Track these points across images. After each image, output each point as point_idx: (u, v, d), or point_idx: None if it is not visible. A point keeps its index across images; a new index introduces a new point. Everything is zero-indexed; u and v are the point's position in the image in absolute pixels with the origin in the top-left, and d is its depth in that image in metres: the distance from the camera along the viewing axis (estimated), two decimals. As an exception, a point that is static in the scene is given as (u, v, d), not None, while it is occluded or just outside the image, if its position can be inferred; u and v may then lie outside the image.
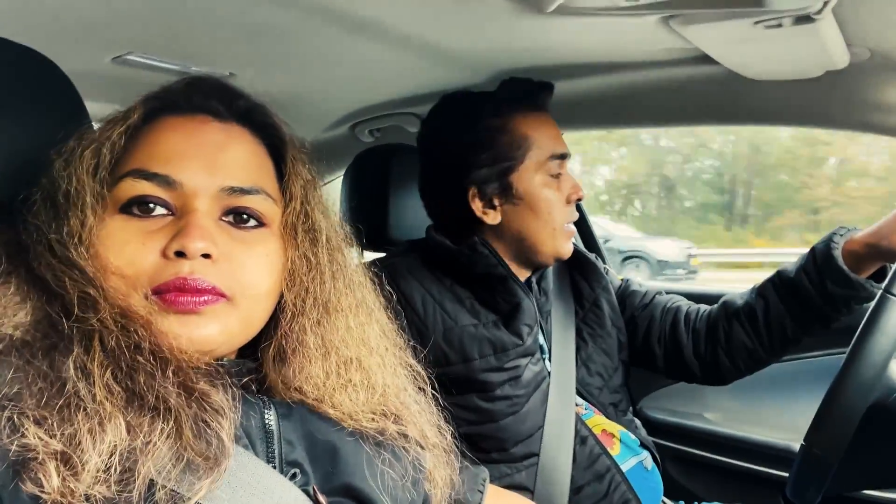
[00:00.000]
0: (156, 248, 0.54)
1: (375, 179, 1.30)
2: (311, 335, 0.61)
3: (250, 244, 0.58)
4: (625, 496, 1.01)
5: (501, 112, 1.06)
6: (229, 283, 0.55)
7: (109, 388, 0.47)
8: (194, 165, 0.57)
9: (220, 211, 0.58)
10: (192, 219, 0.55)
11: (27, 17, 0.85)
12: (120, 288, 0.52)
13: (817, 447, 0.83)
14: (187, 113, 0.61)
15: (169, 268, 0.53)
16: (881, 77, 1.01)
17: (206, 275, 0.53)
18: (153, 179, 0.55)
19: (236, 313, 0.56)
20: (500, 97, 1.08)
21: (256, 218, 0.59)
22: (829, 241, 1.01)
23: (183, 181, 0.56)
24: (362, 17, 0.92)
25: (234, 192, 0.58)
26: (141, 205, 0.55)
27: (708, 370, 1.15)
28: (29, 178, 0.60)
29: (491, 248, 1.04)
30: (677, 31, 0.89)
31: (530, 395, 1.03)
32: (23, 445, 0.43)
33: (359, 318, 0.66)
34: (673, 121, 1.44)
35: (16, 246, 0.55)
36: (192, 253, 0.53)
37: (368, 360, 0.64)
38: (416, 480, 0.65)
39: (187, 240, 0.53)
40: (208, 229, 0.55)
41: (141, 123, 0.60)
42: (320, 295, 0.62)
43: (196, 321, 0.53)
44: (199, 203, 0.56)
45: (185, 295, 0.53)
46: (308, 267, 0.62)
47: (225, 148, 0.59)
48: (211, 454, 0.48)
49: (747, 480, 1.40)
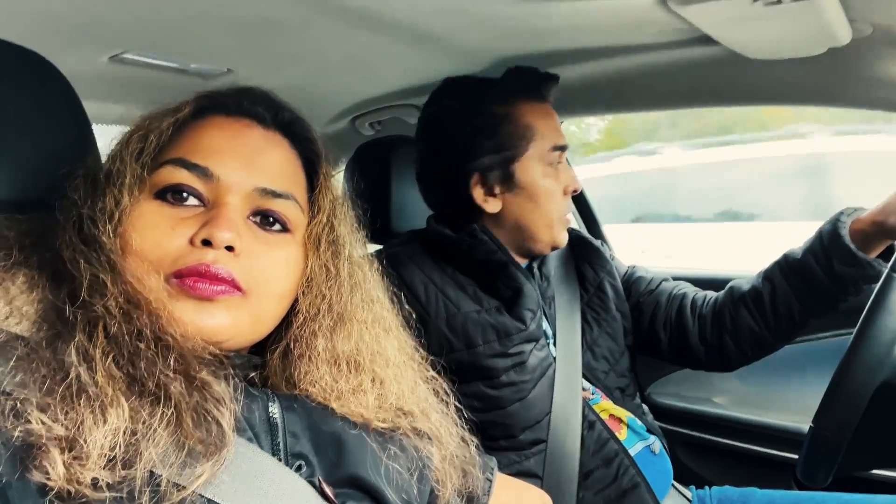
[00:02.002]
0: (184, 234, 0.56)
1: (377, 172, 1.30)
2: (321, 340, 0.62)
3: (272, 246, 0.60)
4: (633, 480, 1.01)
5: (507, 100, 1.05)
6: (247, 278, 0.56)
7: (111, 374, 0.48)
8: (233, 163, 0.59)
9: (250, 210, 0.60)
10: (222, 211, 0.57)
11: (23, 18, 0.85)
12: (135, 270, 0.53)
13: (826, 428, 0.83)
14: (234, 115, 0.64)
15: (193, 254, 0.55)
16: (884, 52, 1.00)
17: (227, 265, 0.55)
18: (192, 169, 0.58)
19: (248, 308, 0.57)
20: (506, 85, 1.07)
21: (282, 223, 0.61)
22: (836, 221, 1.00)
23: (220, 175, 0.58)
24: (359, 8, 0.91)
25: (266, 193, 0.60)
26: (176, 193, 0.57)
27: (714, 356, 1.15)
28: (29, 177, 0.60)
29: (491, 235, 1.04)
30: (676, 12, 0.88)
31: (536, 381, 1.03)
32: (26, 431, 0.44)
33: (374, 331, 0.67)
34: (674, 103, 1.43)
35: (28, 238, 0.56)
36: (217, 242, 0.55)
37: (383, 372, 0.66)
38: (423, 473, 0.65)
39: (216, 229, 0.55)
40: (236, 223, 0.57)
41: (190, 118, 0.62)
42: (336, 304, 0.64)
43: (209, 309, 0.54)
44: (231, 198, 0.58)
45: (203, 281, 0.54)
46: (327, 276, 0.64)
47: (264, 152, 0.62)
48: (211, 441, 0.49)
49: (757, 464, 1.39)
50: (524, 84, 1.07)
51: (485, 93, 1.06)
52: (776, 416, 1.39)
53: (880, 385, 0.81)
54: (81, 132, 0.68)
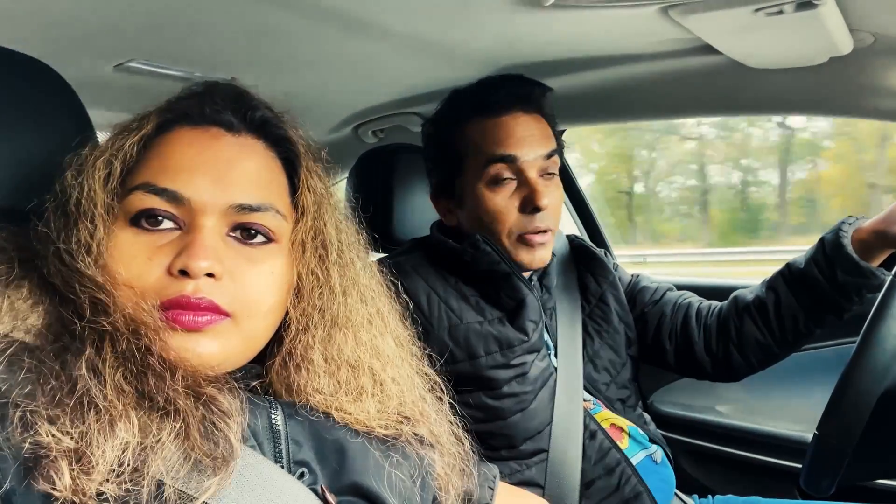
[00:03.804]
0: (161, 263, 0.54)
1: (380, 180, 1.30)
2: (317, 351, 0.61)
3: (256, 261, 0.58)
4: (636, 489, 1.00)
5: (446, 120, 1.09)
6: (231, 301, 0.55)
7: (120, 388, 0.48)
8: (203, 181, 0.56)
9: (228, 227, 0.58)
10: (197, 237, 0.55)
11: (28, 27, 0.86)
12: (130, 298, 0.52)
13: (830, 436, 0.82)
14: (200, 125, 0.60)
15: (173, 285, 0.53)
16: (886, 62, 1.00)
17: (209, 293, 0.54)
18: (162, 195, 0.55)
19: (238, 331, 0.56)
20: (447, 106, 1.10)
21: (264, 234, 0.59)
22: (838, 231, 1.00)
23: (191, 197, 0.56)
24: (362, 17, 0.92)
25: (243, 209, 0.57)
26: (149, 218, 0.55)
27: (720, 367, 1.14)
28: (34, 186, 0.60)
29: (494, 246, 1.03)
30: (677, 21, 0.89)
31: (537, 391, 1.02)
32: (35, 443, 0.44)
33: (371, 331, 0.66)
34: (675, 113, 1.43)
35: (29, 251, 0.56)
36: (195, 272, 0.53)
37: (382, 373, 0.64)
38: (425, 480, 0.65)
39: (191, 259, 0.53)
40: (213, 248, 0.55)
41: (154, 133, 0.60)
42: (328, 311, 0.62)
43: (197, 339, 0.54)
44: (206, 220, 0.56)
45: (186, 313, 0.53)
46: (316, 283, 0.62)
47: (236, 163, 0.59)
48: (218, 454, 0.48)
49: (761, 472, 1.39)
50: (465, 101, 1.07)
51: (437, 114, 1.12)
52: (780, 425, 1.38)
53: (884, 393, 0.80)
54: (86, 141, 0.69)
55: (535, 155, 1.02)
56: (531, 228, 1.01)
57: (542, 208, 1.00)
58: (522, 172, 1.01)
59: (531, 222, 1.01)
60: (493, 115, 1.03)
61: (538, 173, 1.02)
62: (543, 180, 1.03)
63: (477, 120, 1.04)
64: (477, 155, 1.03)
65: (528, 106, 1.05)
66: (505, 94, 1.04)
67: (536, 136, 1.03)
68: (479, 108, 1.04)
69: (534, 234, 1.01)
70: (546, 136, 1.05)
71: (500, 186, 1.02)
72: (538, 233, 1.02)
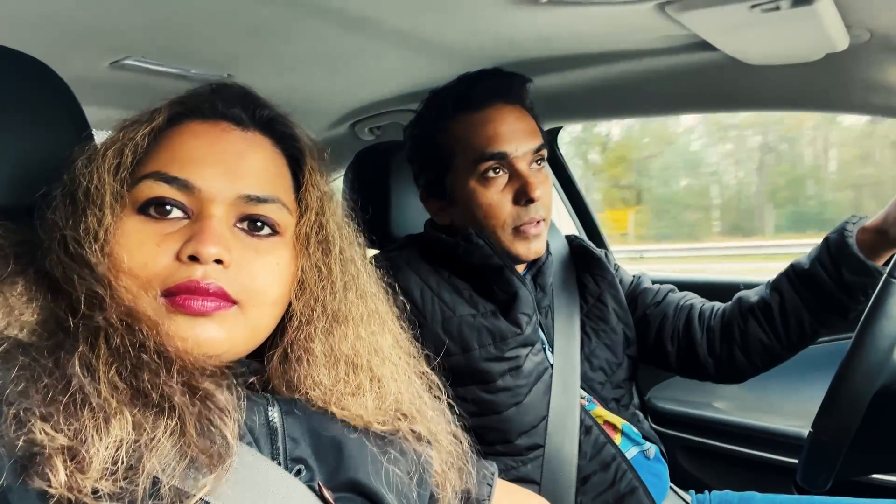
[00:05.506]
0: (170, 250, 0.55)
1: (376, 177, 1.30)
2: (318, 343, 0.62)
3: (262, 252, 0.59)
4: (631, 484, 1.01)
5: (429, 120, 1.08)
6: (238, 289, 0.56)
7: (114, 385, 0.48)
8: (213, 172, 0.58)
9: (236, 217, 0.59)
10: (207, 224, 0.55)
11: (24, 24, 0.86)
12: (130, 288, 0.53)
13: (826, 433, 0.83)
14: (210, 119, 0.62)
15: (182, 271, 0.54)
16: (882, 58, 1.00)
17: (217, 280, 0.54)
18: (172, 183, 0.56)
19: (243, 319, 0.57)
20: (428, 106, 1.10)
21: (270, 226, 0.60)
22: (843, 230, 1.00)
23: (201, 186, 0.57)
24: (358, 15, 0.92)
25: (251, 200, 0.59)
26: (158, 206, 0.56)
27: (723, 368, 1.13)
28: (30, 184, 0.60)
29: (486, 239, 1.03)
30: (674, 18, 0.89)
31: (532, 385, 1.03)
32: (29, 441, 0.44)
33: (370, 327, 0.66)
34: (673, 109, 1.43)
35: (25, 247, 0.56)
36: (205, 258, 0.54)
37: (380, 369, 0.65)
38: (422, 477, 0.65)
39: (201, 245, 0.54)
40: (222, 235, 0.56)
41: (165, 126, 0.61)
42: (330, 304, 0.63)
43: (203, 324, 0.54)
44: (215, 209, 0.57)
45: (195, 298, 0.53)
46: (319, 276, 0.63)
47: (245, 156, 0.60)
48: (214, 452, 0.48)
49: (757, 468, 1.39)
50: (449, 99, 1.06)
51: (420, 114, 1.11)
52: (776, 421, 1.39)
53: (879, 389, 0.81)
54: (82, 138, 0.69)
55: (525, 149, 1.02)
56: (526, 220, 1.02)
57: (535, 199, 1.01)
58: (513, 166, 1.02)
59: (526, 214, 1.02)
60: (476, 109, 1.04)
61: (528, 164, 1.03)
62: (534, 171, 1.03)
63: (461, 116, 1.04)
64: (465, 152, 1.03)
65: (509, 97, 1.05)
66: (485, 88, 1.05)
67: (524, 130, 1.04)
68: (462, 104, 1.05)
69: (529, 225, 1.02)
70: (532, 129, 1.05)
71: (492, 181, 1.02)
72: (533, 224, 1.02)
